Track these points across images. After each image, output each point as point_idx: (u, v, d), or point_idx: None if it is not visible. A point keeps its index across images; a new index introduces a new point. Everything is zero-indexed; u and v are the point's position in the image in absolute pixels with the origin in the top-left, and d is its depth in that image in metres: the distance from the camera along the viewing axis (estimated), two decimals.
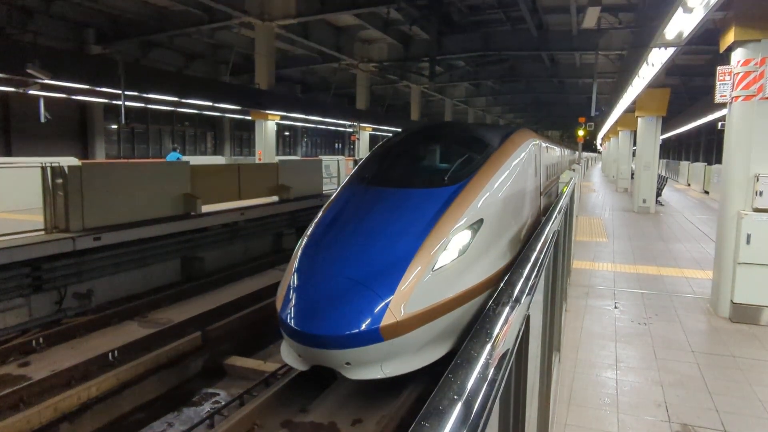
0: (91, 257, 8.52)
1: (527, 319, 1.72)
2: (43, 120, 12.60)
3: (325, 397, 5.27)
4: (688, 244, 10.49)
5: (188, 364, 6.89)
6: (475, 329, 1.37)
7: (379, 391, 5.30)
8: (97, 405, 5.77)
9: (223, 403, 5.93)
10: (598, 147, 54.42)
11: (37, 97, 12.36)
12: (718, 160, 21.36)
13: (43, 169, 8.25)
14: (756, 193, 5.69)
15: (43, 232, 8.20)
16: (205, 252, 11.04)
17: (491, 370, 1.15)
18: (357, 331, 4.13)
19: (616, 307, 6.36)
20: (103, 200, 8.88)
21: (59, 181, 8.31)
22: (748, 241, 5.70)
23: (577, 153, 28.30)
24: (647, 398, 4.08)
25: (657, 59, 9.01)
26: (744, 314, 5.81)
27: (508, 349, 1.33)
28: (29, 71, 9.30)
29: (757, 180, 5.68)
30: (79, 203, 8.47)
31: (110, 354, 6.58)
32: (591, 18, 10.96)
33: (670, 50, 8.10)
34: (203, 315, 8.15)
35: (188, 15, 16.75)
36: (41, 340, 6.99)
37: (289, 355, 4.78)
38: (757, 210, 5.72)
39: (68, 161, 11.10)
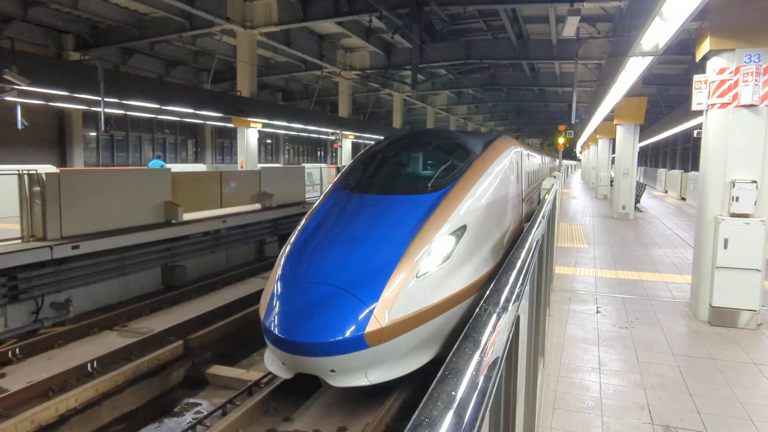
0: (69, 266, 8.37)
1: (516, 324, 1.72)
2: (20, 127, 12.34)
3: (310, 406, 5.23)
4: (667, 249, 10.66)
5: (169, 374, 6.78)
6: (465, 335, 1.37)
7: (364, 398, 5.28)
8: (76, 416, 5.64)
9: (205, 413, 5.84)
10: (578, 155, 55.18)
11: (14, 103, 12.13)
12: (695, 168, 21.81)
13: (20, 176, 8.09)
14: (732, 198, 5.82)
15: (19, 241, 8.03)
16: (187, 260, 10.91)
17: (482, 377, 1.15)
18: (341, 338, 4.11)
19: (598, 312, 6.43)
20: (82, 208, 8.74)
21: (36, 188, 8.16)
22: (725, 246, 5.82)
23: (558, 160, 28.64)
24: (630, 401, 4.12)
25: (635, 68, 9.18)
26: (722, 317, 5.93)
27: (498, 356, 1.34)
28: (6, 77, 9.14)
29: (734, 186, 5.81)
30: (57, 211, 8.32)
31: (89, 364, 6.45)
32: (570, 28, 11.13)
33: (648, 59, 8.26)
34: (184, 324, 8.03)
35: (169, 22, 16.62)
36: (17, 350, 6.82)
37: (272, 363, 4.74)
38: (733, 215, 5.84)
39: (46, 168, 10.90)
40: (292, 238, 5.39)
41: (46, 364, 6.64)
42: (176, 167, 17.79)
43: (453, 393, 1.04)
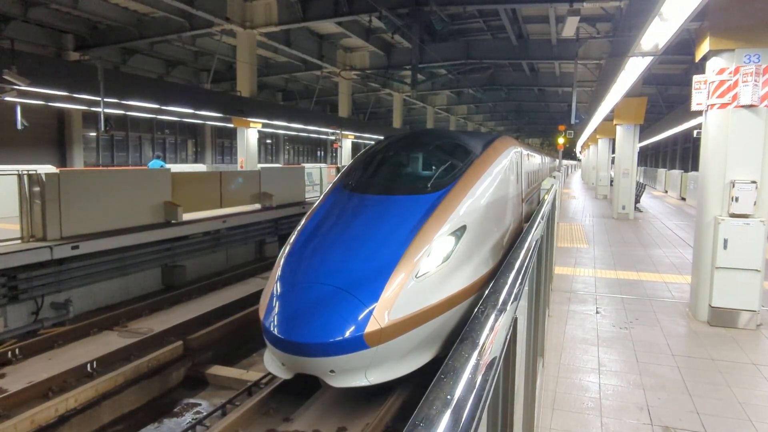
0: (69, 266, 8.37)
1: (514, 325, 1.73)
2: (20, 127, 12.35)
3: (309, 406, 5.23)
4: (667, 249, 10.66)
5: (169, 374, 6.78)
6: (462, 336, 1.37)
7: (364, 398, 5.28)
8: (76, 417, 5.64)
9: (204, 414, 5.84)
10: (578, 155, 55.16)
11: (14, 103, 12.14)
12: (695, 168, 21.80)
13: (20, 176, 8.09)
14: (732, 198, 5.82)
15: (19, 241, 8.03)
16: (186, 260, 10.91)
17: (479, 378, 1.15)
18: (341, 338, 4.11)
19: (597, 312, 6.43)
20: (82, 208, 8.73)
21: (36, 188, 8.16)
22: (725, 246, 5.82)
23: (558, 160, 28.63)
24: (630, 401, 4.13)
25: (634, 68, 9.17)
26: (722, 318, 5.92)
27: (495, 356, 1.34)
28: (6, 77, 9.13)
29: (733, 186, 5.81)
30: (57, 211, 8.32)
31: (89, 365, 6.45)
32: (570, 28, 11.13)
33: (648, 59, 8.26)
34: (184, 324, 8.03)
35: (169, 22, 16.63)
36: (17, 351, 6.82)
37: (272, 363, 4.74)
38: (733, 215, 5.84)
39: (45, 169, 10.90)
40: (292, 239, 5.39)
41: (46, 364, 6.63)
42: (176, 167, 17.80)
43: (450, 393, 1.04)
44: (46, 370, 6.34)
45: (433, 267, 4.69)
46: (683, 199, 22.38)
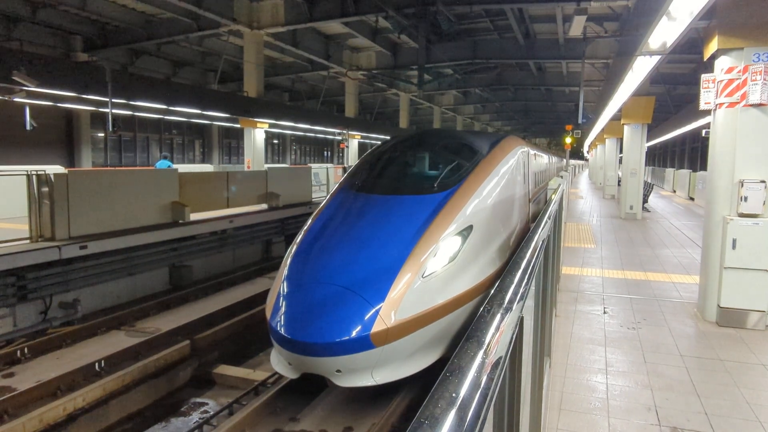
0: (77, 266, 8.42)
1: (520, 324, 1.72)
2: (29, 128, 12.45)
3: (316, 406, 5.24)
4: (675, 249, 10.59)
5: (176, 374, 6.81)
6: (468, 335, 1.36)
7: (370, 398, 5.28)
8: (84, 416, 5.68)
9: (211, 413, 5.86)
10: (585, 154, 54.94)
11: (23, 104, 12.23)
12: (703, 167, 21.65)
13: (29, 177, 8.15)
14: (741, 198, 5.78)
15: (28, 241, 8.09)
16: (194, 260, 10.96)
17: (484, 377, 1.15)
18: (347, 338, 4.11)
19: (605, 312, 6.40)
20: (90, 208, 8.79)
21: (45, 189, 8.22)
22: (733, 246, 5.78)
23: (565, 160, 28.52)
24: (637, 402, 4.10)
25: (642, 67, 9.12)
26: (731, 318, 5.88)
27: (501, 356, 1.33)
28: (15, 78, 9.20)
29: (742, 185, 5.77)
30: (65, 211, 8.38)
31: (97, 364, 6.49)
32: (577, 27, 11.10)
33: (655, 58, 8.21)
34: (191, 324, 8.07)
35: (176, 23, 16.71)
36: (26, 350, 6.87)
37: (279, 363, 4.75)
38: (742, 215, 5.80)
39: (54, 169, 10.98)
40: (299, 238, 5.40)
41: (55, 363, 6.68)
42: (183, 167, 17.87)
43: (455, 392, 1.04)
44: (55, 369, 6.39)
45: (439, 267, 4.68)
46: (692, 198, 22.24)
